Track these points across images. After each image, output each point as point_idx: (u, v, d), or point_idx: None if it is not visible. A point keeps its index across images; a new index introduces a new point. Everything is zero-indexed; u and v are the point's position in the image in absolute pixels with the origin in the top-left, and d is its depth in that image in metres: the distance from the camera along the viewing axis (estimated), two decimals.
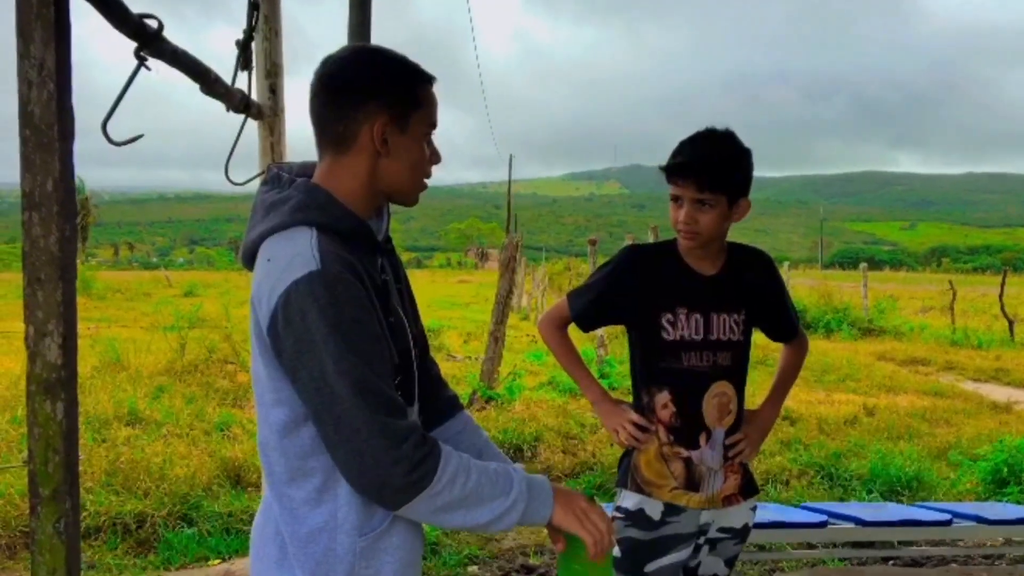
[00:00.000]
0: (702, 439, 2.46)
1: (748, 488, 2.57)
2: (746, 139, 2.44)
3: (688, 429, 2.46)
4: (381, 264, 1.66)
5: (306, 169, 1.69)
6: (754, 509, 2.62)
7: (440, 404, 1.89)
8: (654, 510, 2.47)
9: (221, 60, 2.88)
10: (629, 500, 2.50)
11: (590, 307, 2.58)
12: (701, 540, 2.53)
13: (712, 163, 2.34)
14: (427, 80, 1.65)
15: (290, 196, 1.60)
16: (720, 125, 2.45)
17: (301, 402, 1.51)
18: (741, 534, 2.58)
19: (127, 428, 6.89)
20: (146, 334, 13.35)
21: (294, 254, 1.50)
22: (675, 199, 2.41)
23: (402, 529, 1.61)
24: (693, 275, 2.47)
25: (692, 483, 2.46)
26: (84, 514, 4.86)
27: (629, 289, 2.50)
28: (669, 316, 2.44)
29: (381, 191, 1.65)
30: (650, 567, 2.48)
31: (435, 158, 1.69)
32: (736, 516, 2.55)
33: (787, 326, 2.71)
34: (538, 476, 1.65)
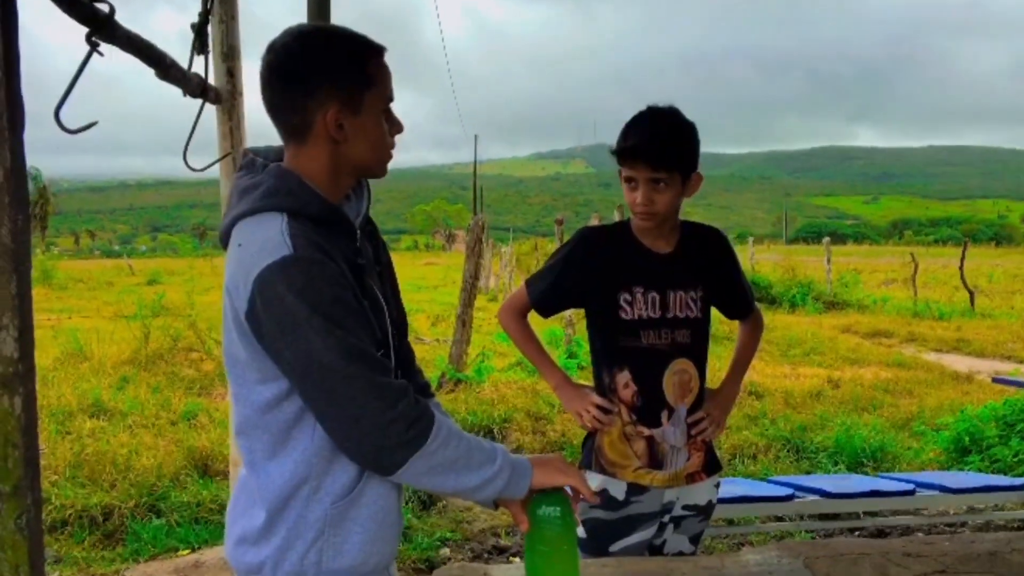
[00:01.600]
0: (664, 417, 2.47)
1: (711, 465, 2.59)
2: (705, 116, 2.46)
3: (650, 407, 2.46)
4: (358, 247, 1.66)
5: (281, 153, 1.69)
6: (717, 486, 2.64)
7: (418, 388, 1.90)
8: (618, 490, 2.48)
9: (167, 43, 2.83)
10: (593, 481, 2.48)
11: (549, 292, 2.57)
12: (666, 519, 2.55)
13: (663, 142, 2.34)
14: (377, 52, 1.63)
15: (261, 181, 1.60)
16: (673, 101, 2.44)
17: (286, 379, 1.54)
18: (705, 511, 2.60)
19: (92, 420, 6.81)
20: (109, 324, 13.18)
21: (265, 239, 1.51)
22: (628, 180, 2.41)
23: (373, 501, 1.63)
24: (648, 254, 2.48)
25: (656, 462, 2.47)
26: (50, 508, 4.81)
27: (586, 271, 2.50)
28: (626, 295, 2.45)
29: (347, 172, 1.65)
30: (615, 547, 2.49)
31: (396, 128, 1.68)
32: (700, 493, 2.56)
33: (742, 303, 2.72)
34: (520, 456, 1.69)
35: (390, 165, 1.75)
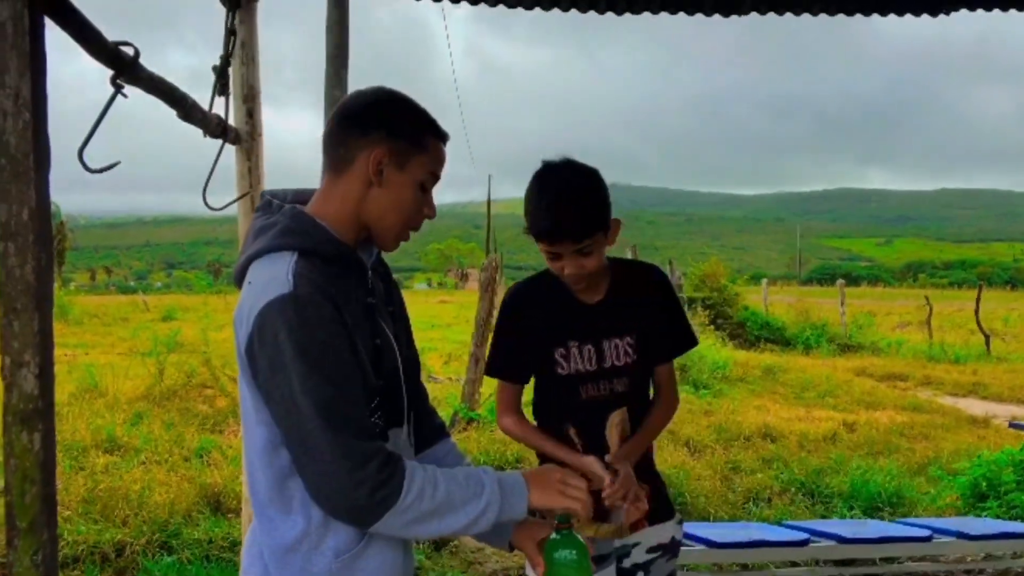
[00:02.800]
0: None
1: (661, 514, 2.49)
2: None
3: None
4: (370, 287, 1.69)
5: (301, 195, 1.73)
6: (680, 523, 2.59)
7: (426, 430, 1.91)
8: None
9: (177, 80, 2.88)
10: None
11: (506, 360, 2.51)
12: (628, 565, 2.49)
13: (579, 217, 2.23)
14: (439, 134, 1.71)
15: (276, 222, 1.64)
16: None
17: (275, 424, 1.55)
18: (671, 548, 2.54)
19: (105, 455, 6.82)
20: (124, 359, 13.23)
21: (271, 277, 1.54)
22: (550, 254, 2.31)
23: (379, 551, 1.62)
24: (579, 306, 2.43)
25: (602, 514, 2.32)
26: (62, 543, 4.80)
27: (520, 332, 2.46)
28: (561, 350, 2.42)
29: (363, 222, 1.67)
30: None
31: (429, 211, 1.73)
32: (661, 533, 2.51)
33: (674, 343, 2.56)
34: (510, 473, 1.67)
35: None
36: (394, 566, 1.66)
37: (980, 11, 4.51)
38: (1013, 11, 4.47)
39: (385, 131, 1.64)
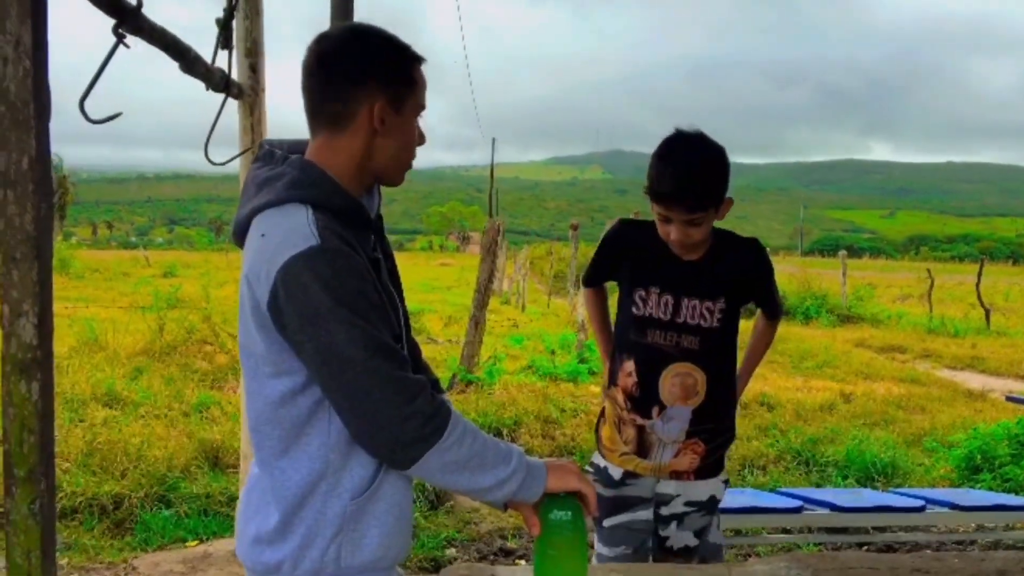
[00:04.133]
0: (655, 412, 2.58)
1: (708, 469, 2.64)
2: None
3: (644, 400, 2.59)
4: (374, 242, 1.68)
5: (298, 146, 1.69)
6: (726, 482, 2.72)
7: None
8: (616, 471, 2.67)
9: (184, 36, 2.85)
10: (597, 460, 2.76)
11: (592, 268, 2.85)
12: (665, 512, 2.64)
13: (699, 188, 2.39)
14: (418, 60, 1.67)
15: (284, 172, 1.60)
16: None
17: (305, 371, 1.54)
18: (708, 506, 2.66)
19: (105, 409, 6.85)
20: (125, 314, 13.25)
21: (290, 229, 1.51)
22: (663, 217, 2.47)
23: (390, 495, 1.63)
24: (672, 259, 2.56)
25: (642, 450, 2.62)
26: (61, 495, 4.84)
27: (614, 259, 2.72)
28: (641, 292, 2.59)
29: (371, 171, 1.66)
30: (608, 522, 2.68)
31: (421, 139, 1.71)
32: (701, 489, 2.64)
33: (765, 308, 2.83)
34: (535, 460, 1.68)
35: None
36: (404, 508, 1.67)
37: None
38: None
39: (380, 79, 1.60)
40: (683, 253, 2.56)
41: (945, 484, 6.07)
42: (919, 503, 4.34)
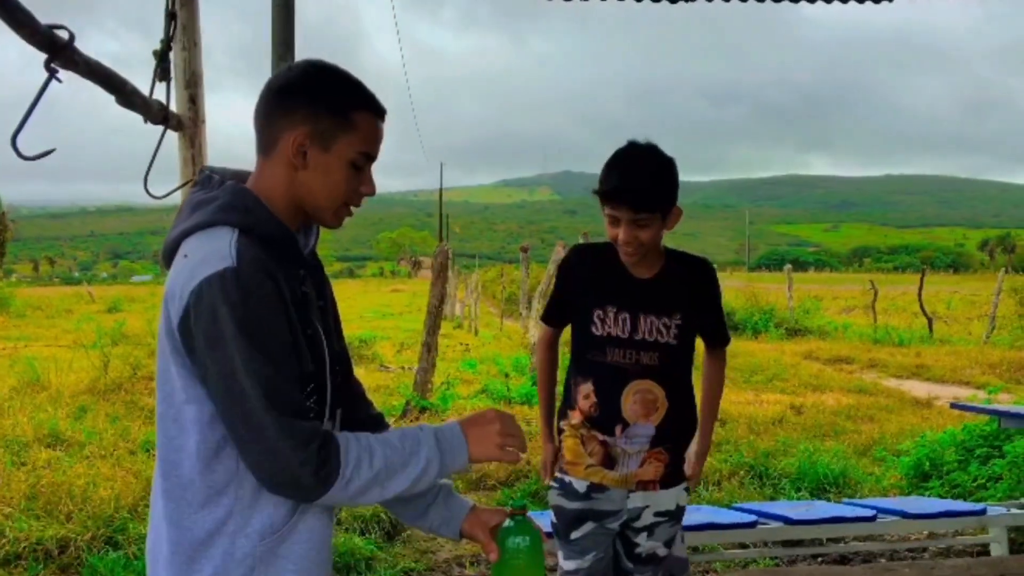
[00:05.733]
0: (617, 430, 2.61)
1: (671, 478, 2.69)
2: (659, 143, 2.55)
3: (605, 420, 2.62)
4: (303, 277, 1.64)
5: (239, 175, 1.67)
6: (687, 490, 2.77)
7: (365, 423, 1.85)
8: (580, 484, 2.68)
9: (120, 65, 2.82)
10: (559, 475, 2.76)
11: (552, 306, 2.85)
12: (637, 526, 2.67)
13: (645, 186, 2.46)
14: (371, 109, 1.62)
15: (216, 196, 1.58)
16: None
17: (210, 400, 1.50)
18: (676, 515, 2.72)
19: (48, 450, 6.67)
20: (68, 352, 12.94)
21: (210, 251, 1.49)
22: (611, 218, 2.52)
23: (305, 536, 1.59)
24: (627, 277, 2.62)
25: (609, 461, 2.64)
26: (3, 540, 4.69)
27: (571, 285, 2.73)
28: (600, 312, 2.61)
29: (300, 206, 1.63)
30: (575, 534, 2.68)
31: (366, 188, 1.66)
32: (668, 499, 2.69)
33: (718, 335, 2.84)
34: (448, 424, 1.65)
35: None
36: (323, 548, 1.63)
37: (906, 1, 4.60)
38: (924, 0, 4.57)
39: (308, 110, 1.57)
40: (636, 268, 2.60)
41: (895, 492, 6.16)
42: (870, 513, 4.40)
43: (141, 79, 3.13)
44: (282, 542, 1.55)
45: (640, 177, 2.46)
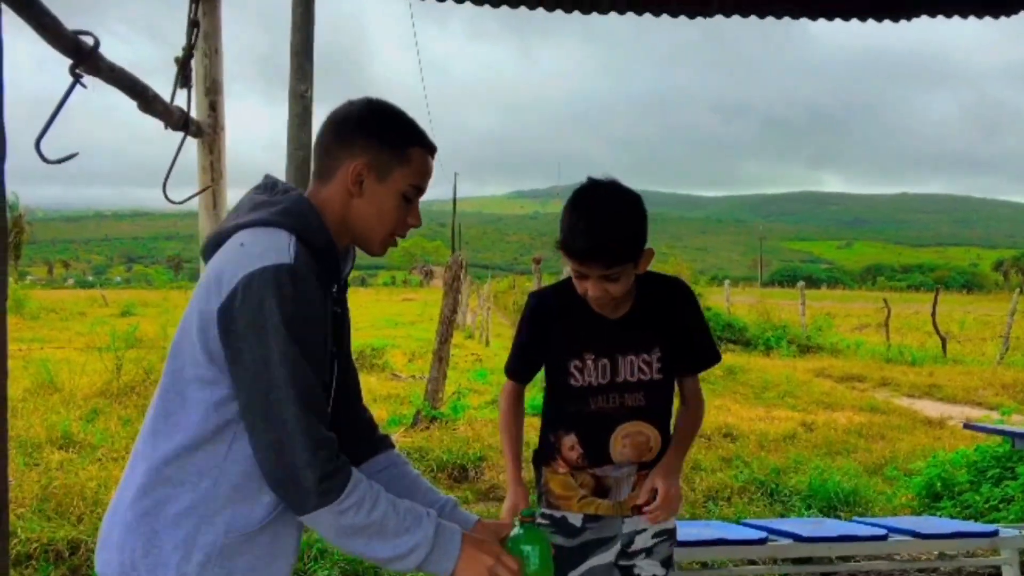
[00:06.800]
0: (608, 468, 2.49)
1: None
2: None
3: (593, 464, 2.49)
4: (335, 294, 1.72)
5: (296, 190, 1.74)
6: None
7: (370, 445, 1.90)
8: (575, 518, 2.54)
9: (145, 73, 2.85)
10: (549, 511, 2.57)
11: (517, 362, 2.61)
12: (634, 549, 2.56)
13: (616, 244, 2.22)
14: (424, 145, 1.73)
15: (279, 201, 1.65)
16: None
17: (227, 388, 1.53)
18: (671, 533, 2.61)
19: (60, 452, 6.71)
20: (81, 355, 13.00)
21: (270, 245, 1.54)
22: (578, 273, 2.31)
23: (265, 548, 1.60)
24: (599, 320, 2.42)
25: (602, 491, 2.52)
26: (14, 541, 4.71)
27: (542, 336, 2.51)
28: (577, 362, 2.44)
29: (349, 230, 1.71)
30: (573, 574, 2.53)
31: (414, 220, 1.76)
32: (665, 520, 2.56)
33: (699, 357, 2.61)
34: (451, 525, 1.64)
35: None
36: (281, 560, 1.64)
37: (925, 18, 4.61)
38: (944, 17, 4.59)
39: (367, 142, 1.67)
40: (608, 312, 2.41)
41: (907, 512, 6.12)
42: (882, 532, 4.37)
43: (154, 85, 3.16)
44: (246, 542, 1.57)
45: (609, 232, 2.20)
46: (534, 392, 6.08)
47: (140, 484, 1.56)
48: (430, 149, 1.75)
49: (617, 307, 2.43)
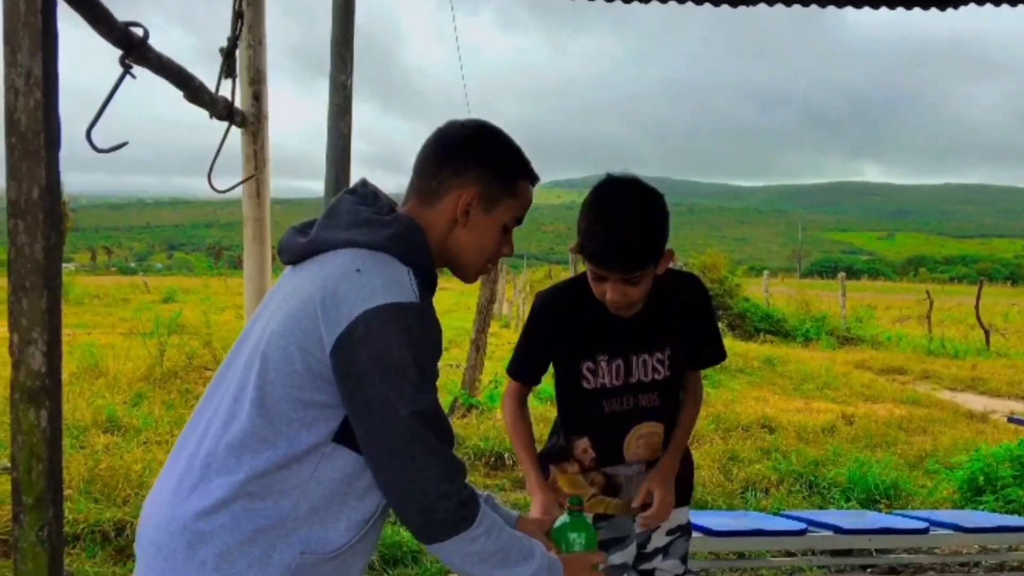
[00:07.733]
0: (619, 467, 2.47)
1: (679, 499, 2.51)
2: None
3: (604, 464, 2.47)
4: None
5: (392, 203, 1.71)
6: (690, 505, 2.65)
7: None
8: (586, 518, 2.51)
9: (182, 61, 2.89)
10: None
11: (524, 364, 2.52)
12: (650, 549, 2.54)
13: (636, 247, 2.13)
14: (531, 177, 1.72)
15: (391, 224, 1.60)
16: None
17: (330, 409, 1.50)
18: (685, 529, 2.59)
19: (106, 435, 6.84)
20: (125, 340, 13.24)
21: (393, 279, 1.52)
22: (596, 276, 2.23)
23: (343, 569, 1.57)
24: (612, 319, 2.34)
25: (612, 490, 2.47)
26: (63, 521, 4.83)
27: (549, 340, 2.44)
28: (589, 364, 2.38)
29: (447, 256, 1.69)
30: None
31: (508, 249, 1.74)
32: (679, 515, 2.55)
33: (706, 355, 2.56)
34: (552, 556, 1.67)
35: None
36: None
37: (972, 6, 4.52)
38: (992, 7, 4.50)
39: (479, 172, 1.65)
40: (623, 312, 2.31)
41: (948, 506, 6.06)
42: (923, 525, 4.34)
43: (209, 76, 3.20)
44: (316, 566, 1.53)
45: (630, 236, 2.11)
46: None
47: (219, 497, 1.50)
48: (534, 180, 1.73)
49: (632, 307, 2.36)
